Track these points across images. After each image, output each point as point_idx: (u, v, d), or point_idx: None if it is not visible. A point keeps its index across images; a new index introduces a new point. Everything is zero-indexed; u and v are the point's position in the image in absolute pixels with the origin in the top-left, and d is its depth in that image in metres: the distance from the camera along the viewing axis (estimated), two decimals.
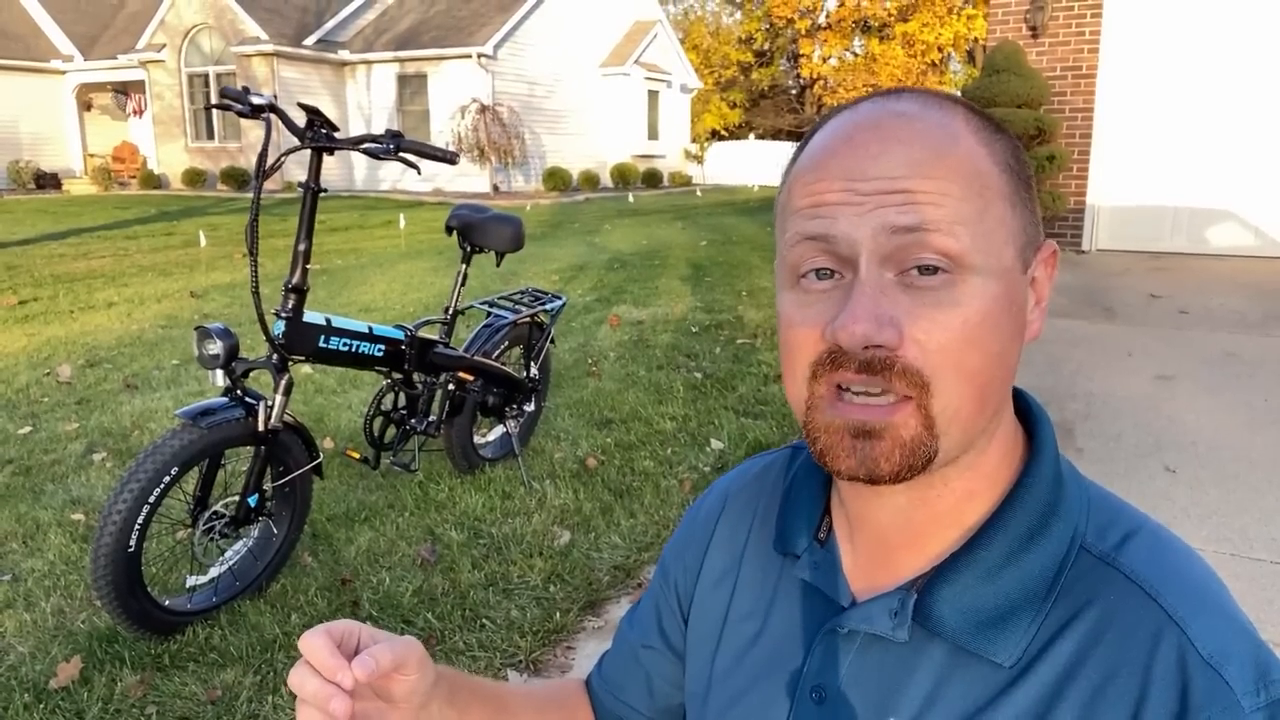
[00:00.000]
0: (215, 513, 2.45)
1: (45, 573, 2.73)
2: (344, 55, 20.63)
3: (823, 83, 37.37)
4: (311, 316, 2.58)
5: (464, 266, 3.27)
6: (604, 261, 9.28)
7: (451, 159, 2.70)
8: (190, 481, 2.46)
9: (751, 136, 33.02)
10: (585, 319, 6.40)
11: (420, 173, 2.81)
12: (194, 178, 20.49)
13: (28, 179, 20.21)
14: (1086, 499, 0.62)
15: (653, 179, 24.11)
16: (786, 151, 28.44)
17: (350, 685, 0.56)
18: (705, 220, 14.23)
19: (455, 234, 3.24)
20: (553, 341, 3.71)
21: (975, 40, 31.33)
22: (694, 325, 6.11)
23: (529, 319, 3.46)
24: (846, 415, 0.57)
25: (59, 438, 3.93)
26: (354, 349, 2.71)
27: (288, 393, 2.48)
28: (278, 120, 2.40)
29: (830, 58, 37.40)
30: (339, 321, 2.67)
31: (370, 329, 2.78)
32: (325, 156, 2.54)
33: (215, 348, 2.35)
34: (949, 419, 0.56)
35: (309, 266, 2.54)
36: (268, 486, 2.55)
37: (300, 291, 2.52)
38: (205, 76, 20.62)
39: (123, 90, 22.76)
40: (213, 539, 2.47)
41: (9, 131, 20.81)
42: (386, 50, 20.42)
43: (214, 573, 2.54)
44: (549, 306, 3.53)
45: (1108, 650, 0.55)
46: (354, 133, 2.49)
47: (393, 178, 20.73)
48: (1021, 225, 0.59)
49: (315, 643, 0.58)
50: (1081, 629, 0.56)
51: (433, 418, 3.17)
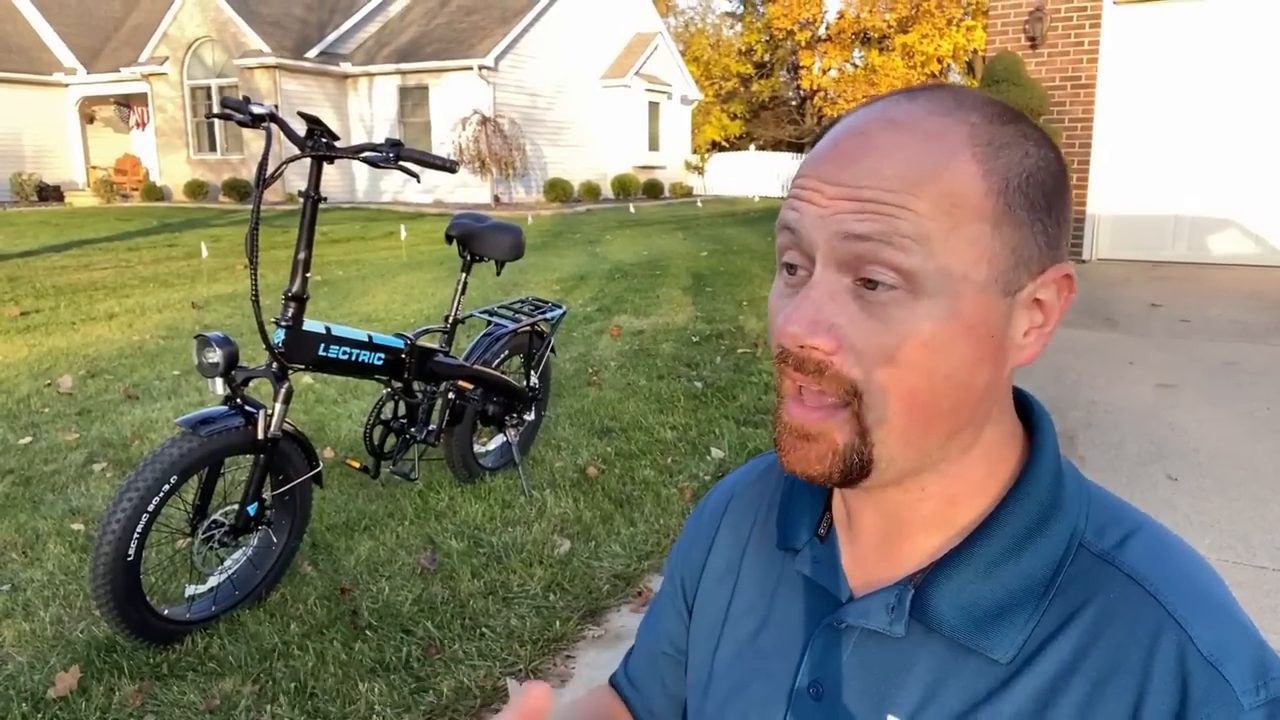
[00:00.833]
0: (215, 521, 2.45)
1: (44, 582, 2.72)
2: (346, 68, 20.71)
3: (823, 94, 37.48)
4: (311, 325, 2.58)
5: (464, 275, 3.27)
6: (605, 271, 9.29)
7: (451, 168, 2.70)
8: (190, 490, 2.45)
9: (752, 148, 33.13)
10: (586, 329, 6.40)
11: (420, 181, 2.82)
12: (196, 190, 20.55)
13: (30, 191, 20.27)
14: (1087, 498, 0.62)
15: (653, 190, 24.16)
16: (787, 162, 28.58)
17: None
18: (706, 231, 14.25)
19: (455, 242, 3.24)
20: (553, 350, 3.71)
21: (974, 51, 31.44)
22: (695, 335, 6.11)
23: (529, 328, 3.46)
24: (794, 416, 0.60)
25: (59, 448, 3.92)
26: (354, 357, 2.72)
27: (287, 401, 2.48)
28: (278, 129, 2.41)
29: (830, 69, 37.52)
30: (339, 330, 2.67)
31: (370, 337, 2.78)
32: (326, 166, 2.55)
33: (215, 356, 2.35)
34: (885, 431, 0.57)
35: (309, 275, 2.54)
36: (267, 495, 2.54)
37: (300, 300, 2.52)
38: (207, 89, 20.70)
39: (125, 103, 22.85)
40: (212, 548, 2.46)
41: (12, 144, 20.89)
42: (388, 62, 20.50)
43: (213, 581, 2.53)
44: (549, 315, 3.53)
45: (1107, 647, 0.55)
46: (355, 144, 2.50)
47: (394, 189, 20.79)
48: (1010, 247, 0.56)
49: None
50: (1080, 626, 0.56)
51: (433, 426, 3.17)
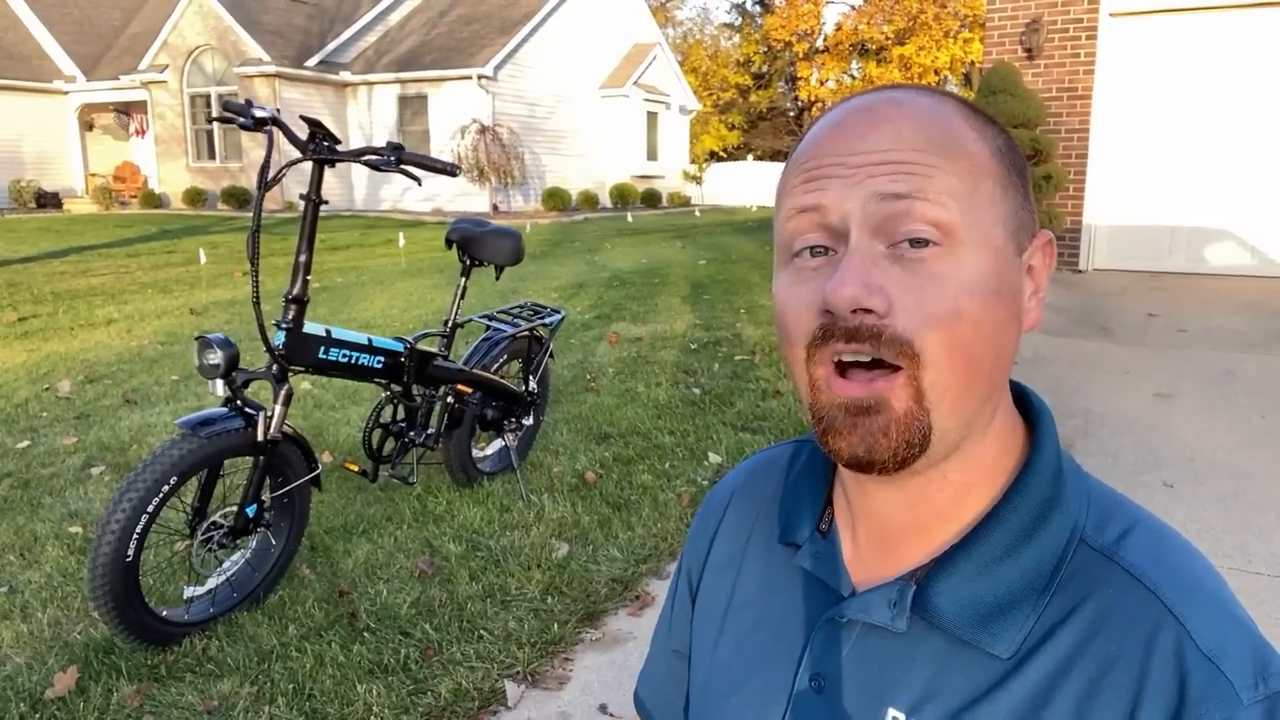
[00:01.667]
0: (214, 523, 2.45)
1: (43, 584, 2.72)
2: (345, 76, 20.77)
3: (820, 105, 37.60)
4: (312, 328, 2.59)
5: (463, 280, 3.28)
6: (603, 279, 9.31)
7: (452, 171, 2.72)
8: (189, 492, 2.46)
9: (750, 158, 33.17)
10: (585, 335, 6.41)
11: (421, 185, 2.83)
12: (195, 197, 20.56)
13: (29, 198, 20.27)
14: (1087, 493, 0.62)
15: (652, 199, 24.21)
16: None
17: None
18: (704, 239, 14.28)
19: (455, 247, 3.25)
20: (552, 356, 3.72)
21: (972, 63, 31.58)
22: (693, 342, 6.12)
23: (528, 333, 3.47)
24: (845, 392, 0.57)
25: (57, 452, 3.92)
26: (353, 360, 2.72)
27: (287, 403, 2.48)
28: (280, 133, 2.42)
29: (828, 80, 37.65)
30: (339, 333, 2.68)
31: (370, 341, 2.79)
32: (326, 170, 2.56)
33: (215, 357, 2.36)
34: (939, 393, 0.56)
35: (309, 278, 2.55)
36: (266, 497, 2.55)
37: (301, 302, 2.53)
38: (207, 97, 20.74)
39: (125, 110, 22.89)
40: (211, 550, 2.46)
41: (11, 151, 20.90)
42: (388, 71, 20.56)
43: (212, 583, 2.53)
44: (548, 320, 3.54)
45: (1106, 642, 0.55)
46: None
47: (393, 197, 20.82)
48: (1013, 209, 0.60)
49: None
50: (1080, 622, 0.57)
51: (431, 430, 3.17)
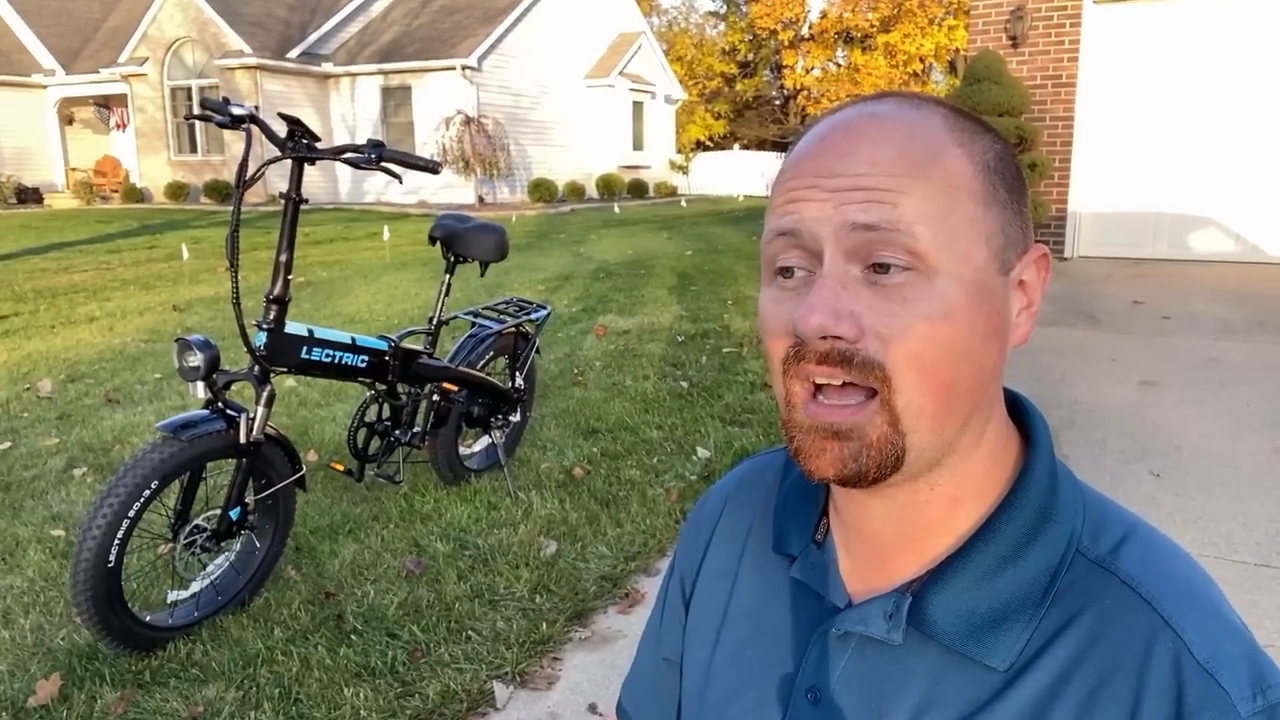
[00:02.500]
0: (197, 526, 2.42)
1: (24, 589, 2.69)
2: (328, 68, 20.60)
3: (806, 93, 37.57)
4: (294, 327, 2.56)
5: (448, 276, 3.26)
6: (590, 271, 9.28)
7: (434, 169, 2.69)
8: (171, 495, 2.43)
9: (736, 147, 33.14)
10: (571, 329, 6.39)
11: (402, 182, 2.81)
12: (177, 191, 20.39)
13: (9, 194, 20.06)
14: (1082, 502, 0.62)
15: (638, 189, 24.16)
16: (771, 161, 28.62)
17: None
18: (691, 230, 14.26)
19: (439, 244, 3.22)
20: (538, 351, 3.70)
21: (956, 50, 31.59)
22: (680, 334, 6.11)
23: (514, 329, 3.45)
24: (817, 417, 0.58)
25: (39, 453, 3.88)
26: (337, 360, 2.70)
27: (270, 404, 2.46)
28: (258, 130, 2.39)
29: (813, 68, 37.60)
30: (321, 332, 2.65)
31: (353, 340, 2.76)
32: (307, 167, 2.53)
33: (196, 359, 2.33)
34: (914, 416, 0.56)
35: (290, 278, 2.52)
36: (250, 499, 2.52)
37: (282, 302, 2.50)
38: (188, 90, 20.54)
39: (105, 104, 22.66)
40: (194, 553, 2.44)
41: None
42: (370, 63, 20.41)
43: (196, 587, 2.51)
44: (534, 316, 3.52)
45: (1103, 654, 0.55)
46: (338, 144, 2.47)
47: (377, 190, 20.69)
48: (999, 227, 0.59)
49: None
50: (1077, 633, 0.56)
51: (417, 429, 3.15)
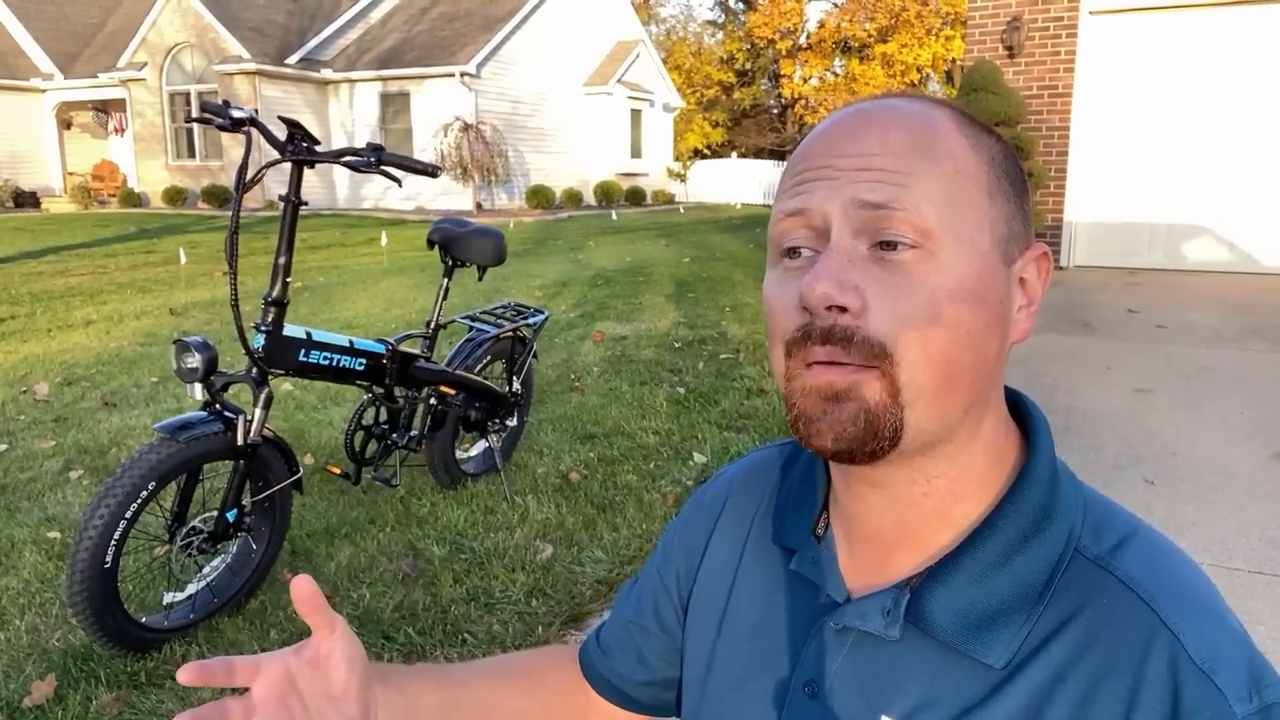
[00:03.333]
0: (193, 528, 2.43)
1: (20, 590, 2.69)
2: (327, 74, 20.64)
3: (804, 102, 37.70)
4: (292, 330, 2.57)
5: (445, 281, 3.26)
6: (587, 278, 9.29)
7: (433, 172, 2.70)
8: (168, 496, 2.43)
9: (734, 155, 33.18)
10: (569, 335, 6.40)
11: (402, 186, 2.81)
12: (174, 196, 20.39)
13: (6, 198, 20.05)
14: (1082, 502, 0.62)
15: (636, 197, 24.20)
16: (769, 170, 28.65)
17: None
18: (688, 237, 14.29)
19: (437, 248, 3.23)
20: (535, 356, 3.71)
21: (953, 61, 31.72)
22: (677, 340, 6.12)
23: (511, 333, 3.45)
24: (816, 378, 0.58)
25: (35, 455, 3.88)
26: (335, 363, 2.70)
27: (267, 406, 2.46)
28: (258, 134, 2.40)
29: (811, 78, 37.74)
30: (319, 335, 2.66)
31: (351, 343, 2.77)
32: (306, 171, 2.54)
33: (194, 360, 2.33)
34: (915, 393, 0.56)
35: (289, 280, 2.53)
36: (247, 501, 2.52)
37: (280, 305, 2.51)
38: (186, 95, 20.56)
39: (103, 109, 22.66)
40: (190, 555, 2.44)
41: None
42: (369, 69, 20.45)
43: (192, 589, 2.51)
44: (531, 321, 3.53)
45: (1100, 653, 0.55)
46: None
47: (375, 195, 20.71)
48: (1002, 217, 0.60)
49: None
50: (1074, 632, 0.56)
51: (414, 432, 3.15)
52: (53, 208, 20.66)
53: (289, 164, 2.51)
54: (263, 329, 2.49)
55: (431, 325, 3.22)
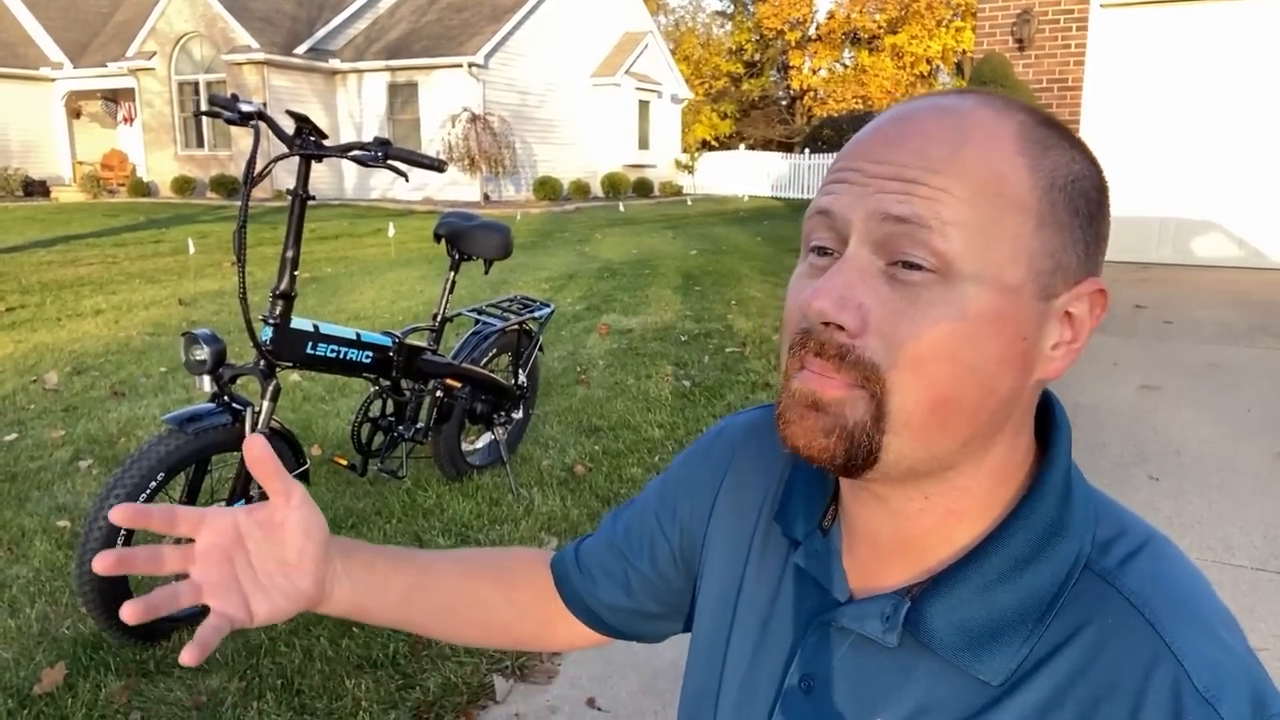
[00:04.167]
0: None
1: (30, 579, 2.72)
2: (335, 64, 20.65)
3: (812, 94, 37.57)
4: (299, 323, 2.58)
5: (452, 274, 3.27)
6: (594, 270, 9.30)
7: (439, 167, 2.71)
8: (176, 488, 2.45)
9: (742, 147, 33.08)
10: (575, 327, 6.41)
11: (408, 180, 2.82)
12: (183, 185, 20.45)
13: (16, 187, 20.13)
14: (1094, 514, 0.60)
15: (643, 188, 24.17)
16: (776, 162, 28.57)
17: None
18: (695, 230, 14.28)
19: (444, 241, 3.24)
20: (541, 349, 3.72)
21: (963, 52, 31.56)
22: (683, 334, 6.13)
23: (517, 326, 3.47)
24: (805, 383, 0.56)
25: (45, 445, 3.91)
26: (341, 355, 2.72)
27: (275, 399, 2.48)
28: (266, 127, 2.41)
29: (820, 69, 37.62)
30: (327, 328, 2.67)
31: (358, 335, 2.78)
32: (314, 164, 2.55)
33: (202, 353, 2.35)
34: (902, 421, 0.54)
35: (297, 273, 2.54)
36: (254, 493, 2.54)
37: (288, 298, 2.52)
38: (195, 84, 20.61)
39: (112, 98, 22.72)
40: None
41: None
42: (377, 59, 20.45)
43: None
44: (537, 314, 3.54)
45: (1101, 674, 0.54)
46: (344, 141, 2.50)
47: (382, 186, 20.73)
48: (1049, 250, 0.55)
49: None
50: (1078, 648, 0.55)
51: (420, 425, 3.17)
52: (62, 197, 20.74)
53: (297, 158, 2.52)
54: (270, 322, 2.51)
55: (438, 318, 3.24)
